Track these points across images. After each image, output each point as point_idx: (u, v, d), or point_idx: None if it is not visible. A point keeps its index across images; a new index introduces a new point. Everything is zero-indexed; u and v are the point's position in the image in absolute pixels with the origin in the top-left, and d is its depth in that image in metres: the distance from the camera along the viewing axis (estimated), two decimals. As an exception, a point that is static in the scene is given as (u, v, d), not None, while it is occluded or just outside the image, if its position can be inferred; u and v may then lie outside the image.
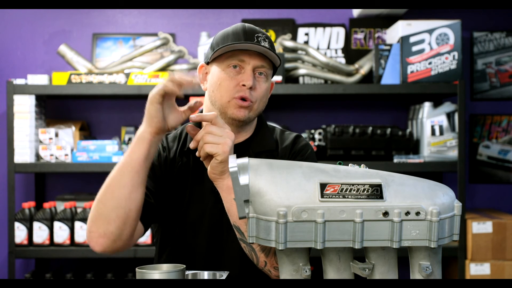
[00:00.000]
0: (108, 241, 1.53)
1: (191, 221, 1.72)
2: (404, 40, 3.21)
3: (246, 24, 1.70)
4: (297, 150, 1.78)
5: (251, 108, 1.69)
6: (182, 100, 1.70)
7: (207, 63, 1.74)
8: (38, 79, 3.21)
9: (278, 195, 1.19)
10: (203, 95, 1.79)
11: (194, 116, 1.56)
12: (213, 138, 1.51)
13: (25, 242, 3.16)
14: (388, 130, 3.21)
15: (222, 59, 1.68)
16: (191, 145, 1.56)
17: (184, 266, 1.38)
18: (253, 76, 1.67)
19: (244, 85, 1.66)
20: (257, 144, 1.76)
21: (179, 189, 1.73)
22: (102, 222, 1.52)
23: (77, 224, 3.14)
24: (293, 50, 3.41)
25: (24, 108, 3.17)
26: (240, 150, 1.73)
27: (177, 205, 1.72)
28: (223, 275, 1.45)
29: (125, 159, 1.53)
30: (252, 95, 1.67)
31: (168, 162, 1.73)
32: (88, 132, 3.55)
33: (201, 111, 1.78)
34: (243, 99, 1.67)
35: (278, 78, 3.16)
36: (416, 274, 1.23)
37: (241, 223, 1.55)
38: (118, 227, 1.52)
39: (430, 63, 3.21)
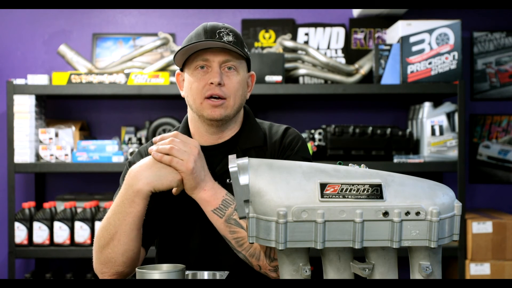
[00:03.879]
0: (120, 277, 1.61)
1: (184, 223, 1.72)
2: (404, 40, 3.21)
3: (208, 23, 1.70)
4: (286, 144, 1.76)
5: (226, 106, 1.67)
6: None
7: (182, 70, 1.75)
8: (38, 79, 3.21)
9: (278, 195, 1.19)
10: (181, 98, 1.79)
11: (156, 138, 1.58)
12: (177, 153, 1.52)
13: (25, 242, 3.15)
14: (388, 130, 3.21)
15: (189, 63, 1.69)
16: (156, 156, 1.54)
17: (184, 266, 1.39)
18: (221, 72, 1.66)
19: (212, 83, 1.65)
20: (245, 141, 1.75)
21: (170, 193, 1.72)
22: (112, 265, 1.58)
23: (77, 224, 3.14)
24: (293, 50, 3.41)
25: (24, 108, 3.17)
26: (227, 147, 1.72)
27: (170, 209, 1.73)
28: (223, 275, 1.45)
29: (127, 209, 1.54)
30: (223, 91, 1.66)
31: None
32: (88, 132, 3.55)
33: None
34: (214, 97, 1.66)
35: (278, 78, 3.16)
36: (416, 274, 1.23)
37: (225, 233, 1.55)
38: (129, 266, 1.59)
39: (430, 63, 3.21)
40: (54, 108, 3.58)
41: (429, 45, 3.21)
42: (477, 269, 3.16)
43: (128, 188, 1.53)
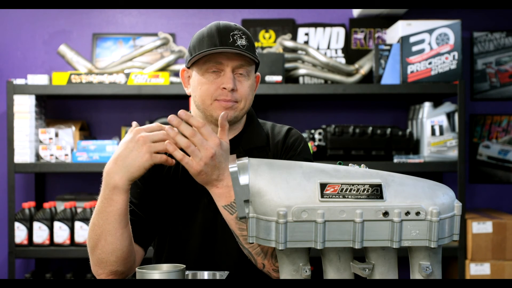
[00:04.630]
0: (117, 276, 1.60)
1: (183, 222, 1.72)
2: (404, 40, 3.21)
3: (221, 23, 1.66)
4: (289, 144, 1.76)
5: (236, 108, 1.66)
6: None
7: (188, 67, 1.71)
8: (38, 79, 3.21)
9: (278, 195, 1.19)
10: (187, 97, 1.77)
11: (182, 112, 1.48)
12: (192, 152, 1.45)
13: (25, 242, 3.15)
14: (388, 130, 3.21)
15: (201, 63, 1.66)
16: (169, 148, 1.45)
17: (184, 266, 1.38)
18: (233, 77, 1.64)
19: (224, 88, 1.64)
20: (247, 141, 1.74)
21: (170, 192, 1.72)
22: (105, 265, 1.58)
23: (77, 224, 3.14)
24: (293, 50, 3.41)
25: (24, 108, 3.17)
26: (230, 147, 1.72)
27: (169, 208, 1.72)
28: (223, 275, 1.45)
29: (107, 208, 1.52)
30: (234, 96, 1.65)
31: (156, 167, 1.72)
32: (88, 132, 3.55)
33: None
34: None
35: (278, 78, 3.16)
36: (416, 274, 1.23)
37: (234, 228, 1.54)
38: (121, 264, 1.58)
39: (430, 63, 3.20)
40: (54, 108, 3.58)
41: (429, 45, 3.21)
42: (477, 269, 3.16)
43: (105, 188, 1.51)
